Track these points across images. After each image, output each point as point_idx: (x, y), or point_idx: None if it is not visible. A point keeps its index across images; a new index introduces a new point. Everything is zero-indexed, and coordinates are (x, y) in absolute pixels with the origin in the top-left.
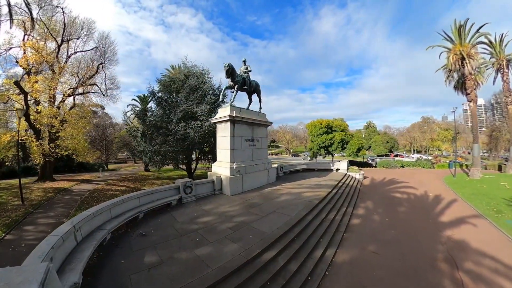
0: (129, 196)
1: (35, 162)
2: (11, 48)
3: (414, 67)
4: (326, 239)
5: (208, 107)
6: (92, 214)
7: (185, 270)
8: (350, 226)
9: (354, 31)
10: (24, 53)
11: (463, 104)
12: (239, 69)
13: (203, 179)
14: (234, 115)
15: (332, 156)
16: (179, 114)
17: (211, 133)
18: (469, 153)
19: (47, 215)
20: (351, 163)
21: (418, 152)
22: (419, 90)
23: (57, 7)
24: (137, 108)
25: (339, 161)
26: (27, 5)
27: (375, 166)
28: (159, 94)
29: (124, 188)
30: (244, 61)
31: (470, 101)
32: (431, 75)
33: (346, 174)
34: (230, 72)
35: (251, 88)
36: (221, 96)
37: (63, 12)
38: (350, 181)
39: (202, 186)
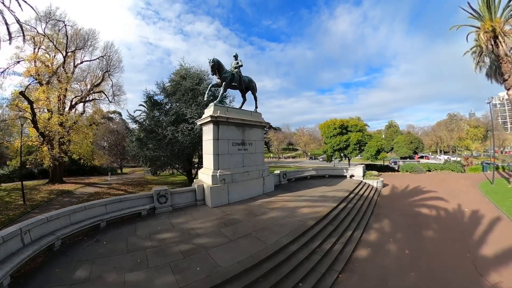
0: (92, 203)
1: (45, 165)
2: (19, 61)
3: (436, 62)
4: (309, 283)
5: (199, 109)
6: (46, 219)
7: None
8: (352, 261)
9: (371, 28)
10: (35, 64)
11: (492, 97)
12: (230, 65)
13: (183, 188)
14: (216, 115)
15: (349, 160)
16: (170, 117)
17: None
18: (501, 152)
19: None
20: (370, 167)
21: (445, 152)
22: (443, 86)
23: (58, 21)
24: (144, 114)
25: (355, 166)
26: (17, 21)
27: (398, 170)
28: (155, 98)
29: (123, 192)
30: (235, 56)
31: (508, 89)
32: (455, 70)
33: (361, 181)
34: (216, 68)
35: (243, 85)
36: (205, 96)
37: (65, 25)
38: (365, 191)
39: (180, 195)
